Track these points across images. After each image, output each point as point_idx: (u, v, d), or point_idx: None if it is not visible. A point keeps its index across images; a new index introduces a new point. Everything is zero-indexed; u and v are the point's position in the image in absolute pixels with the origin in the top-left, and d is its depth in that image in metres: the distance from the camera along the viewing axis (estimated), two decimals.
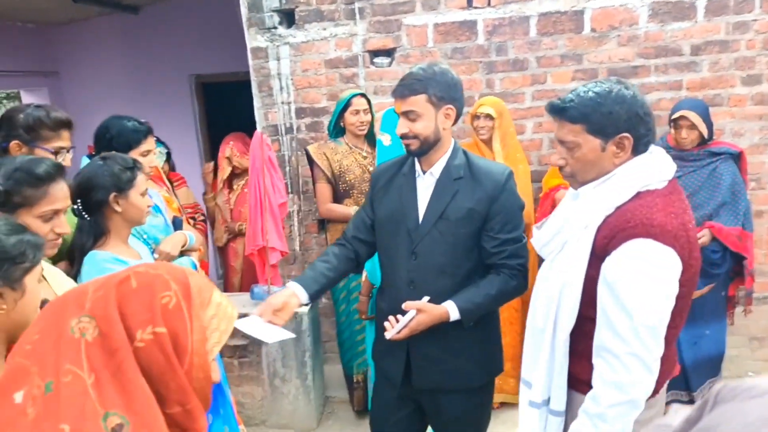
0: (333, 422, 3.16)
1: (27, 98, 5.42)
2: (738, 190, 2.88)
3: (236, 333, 2.97)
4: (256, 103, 3.41)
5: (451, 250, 1.83)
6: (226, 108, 5.63)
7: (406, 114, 1.79)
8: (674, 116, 2.86)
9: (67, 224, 1.61)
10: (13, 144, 1.88)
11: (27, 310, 1.15)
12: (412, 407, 2.01)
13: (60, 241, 1.64)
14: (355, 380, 3.13)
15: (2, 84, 5.46)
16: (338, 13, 3.26)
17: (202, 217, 3.78)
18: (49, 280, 1.55)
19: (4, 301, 1.11)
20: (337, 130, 3.11)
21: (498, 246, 1.81)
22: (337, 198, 3.06)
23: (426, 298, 1.79)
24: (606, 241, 1.35)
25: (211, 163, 3.94)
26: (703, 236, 2.82)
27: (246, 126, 3.70)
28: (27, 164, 1.55)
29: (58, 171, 1.60)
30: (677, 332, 1.46)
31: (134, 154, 2.11)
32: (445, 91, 1.77)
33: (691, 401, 2.98)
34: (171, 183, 3.31)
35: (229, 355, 3.05)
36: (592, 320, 1.38)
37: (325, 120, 3.39)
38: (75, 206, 1.82)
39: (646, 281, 1.30)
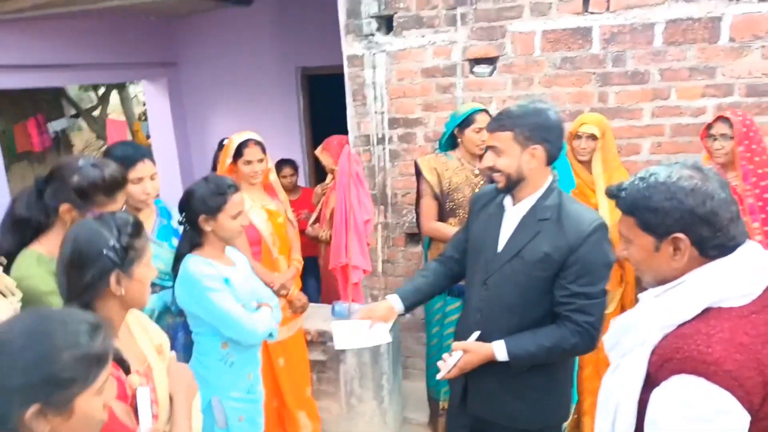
0: None
1: (148, 88, 5.76)
2: None
3: (318, 347, 2.99)
4: (350, 111, 3.32)
5: (521, 291, 1.78)
6: (329, 103, 5.64)
7: (492, 148, 1.79)
8: None
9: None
10: (64, 208, 1.66)
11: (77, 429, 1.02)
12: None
13: None
14: (441, 407, 2.99)
15: (127, 75, 5.86)
16: (438, 20, 3.07)
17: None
18: (131, 324, 1.50)
19: (48, 422, 0.97)
20: (448, 143, 2.86)
21: (567, 297, 1.72)
22: (442, 215, 2.81)
23: (474, 336, 1.80)
24: (656, 368, 1.10)
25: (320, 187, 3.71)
26: None
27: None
28: (123, 219, 1.40)
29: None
30: None
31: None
32: (536, 131, 1.72)
33: None
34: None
35: None
36: None
37: (419, 131, 3.25)
38: (179, 218, 2.06)
39: (690, 431, 1.02)
